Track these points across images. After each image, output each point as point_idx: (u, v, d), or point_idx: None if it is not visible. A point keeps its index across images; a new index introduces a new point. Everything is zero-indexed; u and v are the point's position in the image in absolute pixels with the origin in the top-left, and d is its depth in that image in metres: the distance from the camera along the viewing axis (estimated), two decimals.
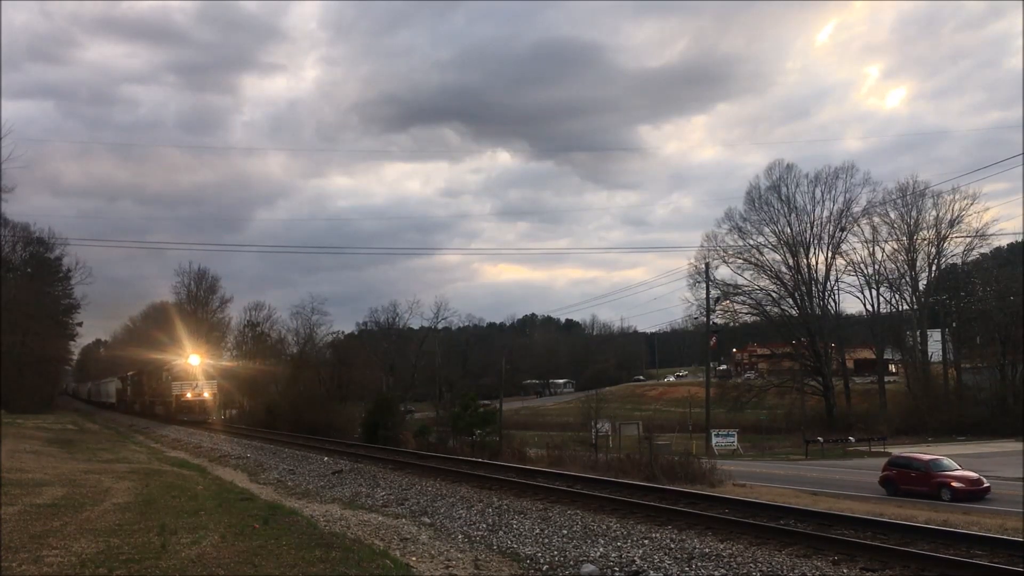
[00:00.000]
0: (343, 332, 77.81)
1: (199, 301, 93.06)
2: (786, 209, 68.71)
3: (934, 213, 64.83)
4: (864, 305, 71.22)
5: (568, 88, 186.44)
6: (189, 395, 47.41)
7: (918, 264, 66.99)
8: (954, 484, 25.07)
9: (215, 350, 66.18)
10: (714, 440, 52.86)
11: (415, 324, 77.12)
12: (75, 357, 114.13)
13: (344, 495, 16.57)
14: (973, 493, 24.61)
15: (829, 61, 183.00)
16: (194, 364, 49.10)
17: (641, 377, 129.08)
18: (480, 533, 12.03)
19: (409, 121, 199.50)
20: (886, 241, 66.62)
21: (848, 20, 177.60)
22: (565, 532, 11.75)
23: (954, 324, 67.53)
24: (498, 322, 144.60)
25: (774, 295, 70.49)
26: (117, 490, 16.03)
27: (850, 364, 77.94)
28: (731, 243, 69.94)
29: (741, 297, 71.28)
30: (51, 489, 15.87)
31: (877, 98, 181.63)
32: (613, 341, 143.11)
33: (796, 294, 69.69)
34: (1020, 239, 69.87)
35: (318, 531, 11.65)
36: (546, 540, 11.27)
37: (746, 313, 72.93)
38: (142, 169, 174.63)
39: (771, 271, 69.73)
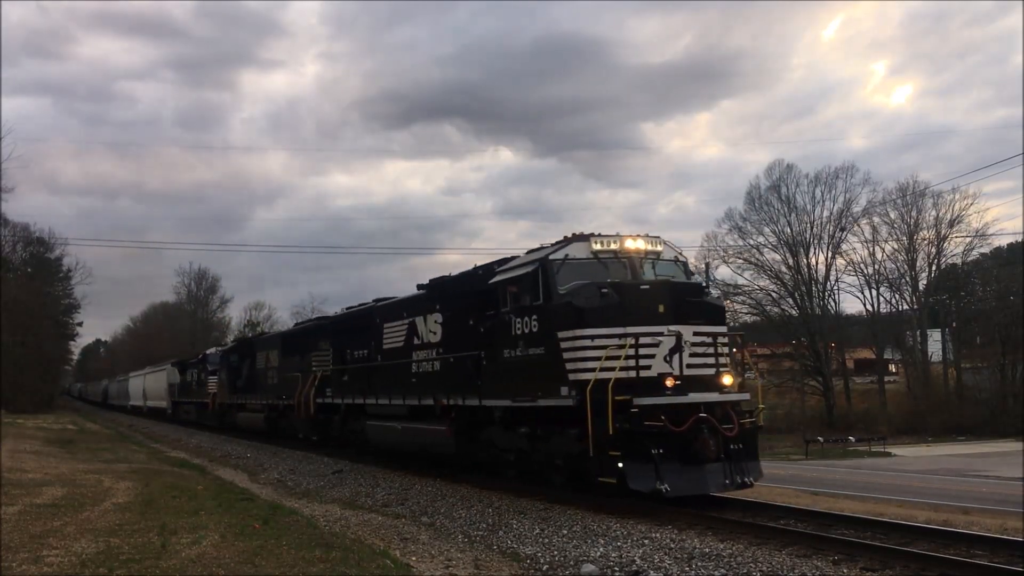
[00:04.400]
0: None
1: (199, 301, 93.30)
2: (786, 209, 68.71)
3: (934, 213, 64.89)
4: (864, 305, 71.22)
5: (571, 84, 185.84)
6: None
7: (918, 264, 66.98)
8: None
9: None
10: None
11: None
12: (75, 357, 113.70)
13: (344, 495, 16.58)
14: None
15: (835, 58, 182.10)
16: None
17: None
18: (480, 533, 12.04)
19: (410, 118, 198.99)
20: (886, 241, 66.64)
21: (855, 15, 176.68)
22: (565, 532, 11.74)
23: (954, 324, 67.59)
24: None
25: (774, 295, 70.51)
26: (117, 490, 16.04)
27: (850, 364, 77.93)
28: (731, 243, 70.05)
29: (741, 297, 71.33)
30: (51, 489, 15.87)
31: (883, 95, 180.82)
32: None
33: (796, 294, 69.69)
34: (1020, 239, 69.89)
35: (318, 531, 11.66)
36: (546, 540, 11.26)
37: (746, 313, 72.94)
38: (141, 167, 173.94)
39: (771, 271, 69.75)
